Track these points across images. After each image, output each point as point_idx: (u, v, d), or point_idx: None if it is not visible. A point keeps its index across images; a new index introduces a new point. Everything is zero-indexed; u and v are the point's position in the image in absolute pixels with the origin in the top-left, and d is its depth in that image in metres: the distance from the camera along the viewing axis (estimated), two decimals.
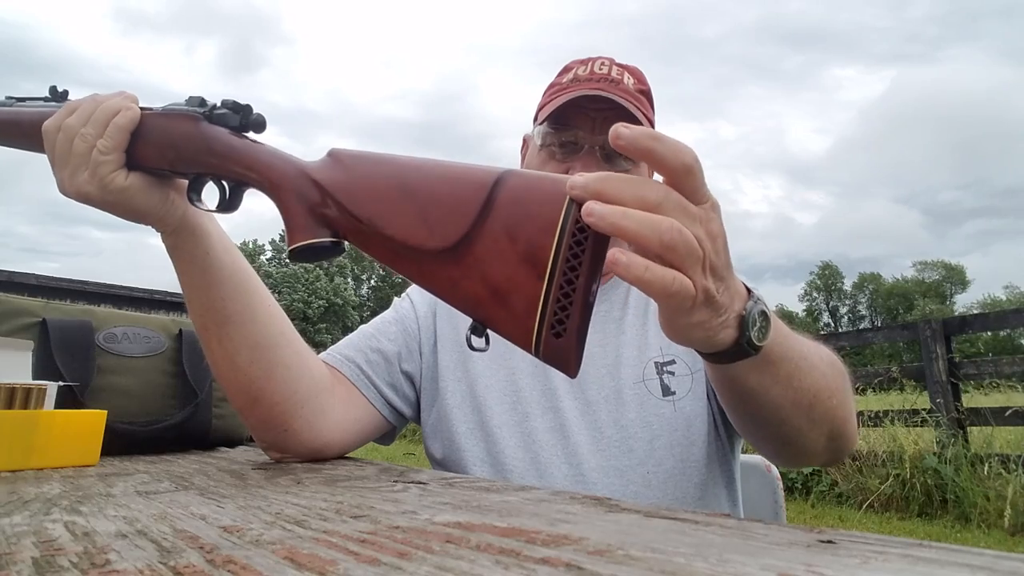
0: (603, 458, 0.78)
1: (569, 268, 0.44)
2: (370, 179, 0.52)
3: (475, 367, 0.86)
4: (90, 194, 0.60)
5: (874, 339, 5.73)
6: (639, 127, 0.43)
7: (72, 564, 0.28)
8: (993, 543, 3.16)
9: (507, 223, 0.46)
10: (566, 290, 0.44)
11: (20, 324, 0.82)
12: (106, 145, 0.59)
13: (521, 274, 0.45)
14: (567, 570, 0.24)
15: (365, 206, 0.51)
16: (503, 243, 0.46)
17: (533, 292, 0.44)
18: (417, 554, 0.27)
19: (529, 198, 0.46)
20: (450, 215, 0.48)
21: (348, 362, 0.82)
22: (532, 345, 0.45)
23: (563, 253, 0.44)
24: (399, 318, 0.91)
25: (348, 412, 0.78)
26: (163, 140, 0.60)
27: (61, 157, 0.60)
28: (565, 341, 0.44)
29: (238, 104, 0.60)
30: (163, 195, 0.63)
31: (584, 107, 0.82)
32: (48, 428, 0.65)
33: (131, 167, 0.61)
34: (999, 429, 4.20)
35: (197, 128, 0.60)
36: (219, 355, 0.69)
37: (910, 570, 0.23)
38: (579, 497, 0.44)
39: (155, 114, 0.61)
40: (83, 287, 11.92)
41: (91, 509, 0.42)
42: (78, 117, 0.60)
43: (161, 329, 0.94)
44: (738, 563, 0.24)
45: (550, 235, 0.44)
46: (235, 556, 0.28)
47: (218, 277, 0.68)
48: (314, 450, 0.74)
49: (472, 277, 0.47)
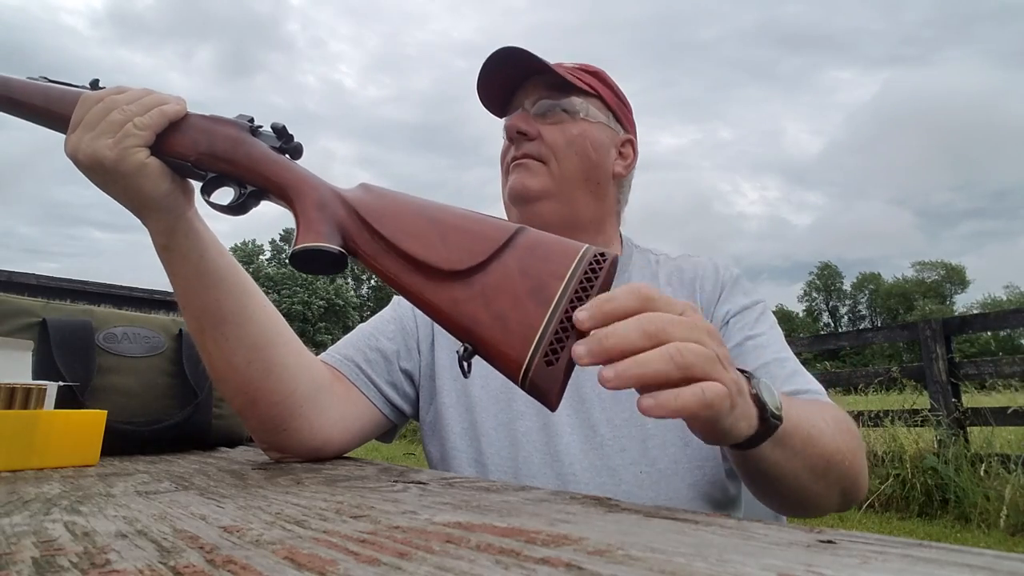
0: (596, 457, 0.77)
1: (573, 304, 0.48)
2: (398, 205, 0.57)
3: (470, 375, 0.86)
4: (105, 159, 0.59)
5: (874, 339, 5.72)
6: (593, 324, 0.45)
7: (72, 564, 0.28)
8: (993, 543, 3.16)
9: (522, 263, 0.51)
10: (565, 325, 0.47)
11: (20, 324, 0.82)
12: (143, 122, 0.60)
13: (527, 304, 0.49)
14: (567, 570, 0.24)
15: (389, 225, 0.55)
16: (515, 277, 0.50)
17: (535, 320, 0.48)
18: (417, 554, 0.27)
19: (546, 247, 0.52)
20: (471, 244, 0.53)
21: (347, 361, 0.83)
22: (521, 369, 0.47)
23: (571, 291, 0.48)
24: (397, 317, 0.91)
25: (347, 411, 0.78)
26: (201, 135, 0.62)
27: (90, 121, 0.60)
28: (555, 370, 0.46)
29: (281, 128, 0.63)
30: (171, 188, 0.64)
31: (523, 86, 0.89)
32: (48, 428, 0.65)
33: (153, 152, 0.62)
34: (999, 429, 4.20)
35: (240, 135, 0.63)
36: (216, 356, 0.69)
37: (910, 570, 0.23)
38: (579, 497, 0.44)
39: (202, 116, 0.64)
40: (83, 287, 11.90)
41: (91, 509, 0.42)
42: (125, 96, 0.61)
43: (161, 329, 0.94)
44: (738, 563, 0.24)
45: (560, 278, 0.49)
46: (235, 556, 0.28)
47: (213, 278, 0.67)
48: (313, 449, 0.74)
49: (477, 301, 0.50)
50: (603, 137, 0.89)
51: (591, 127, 0.88)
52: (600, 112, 0.90)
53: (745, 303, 0.84)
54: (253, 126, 0.63)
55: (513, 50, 0.86)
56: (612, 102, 0.92)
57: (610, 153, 0.90)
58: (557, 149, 0.86)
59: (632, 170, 0.95)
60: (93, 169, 0.61)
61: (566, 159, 0.86)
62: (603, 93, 0.91)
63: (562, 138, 0.86)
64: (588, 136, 0.87)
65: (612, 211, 0.93)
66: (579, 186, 0.87)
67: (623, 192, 0.95)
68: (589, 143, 0.87)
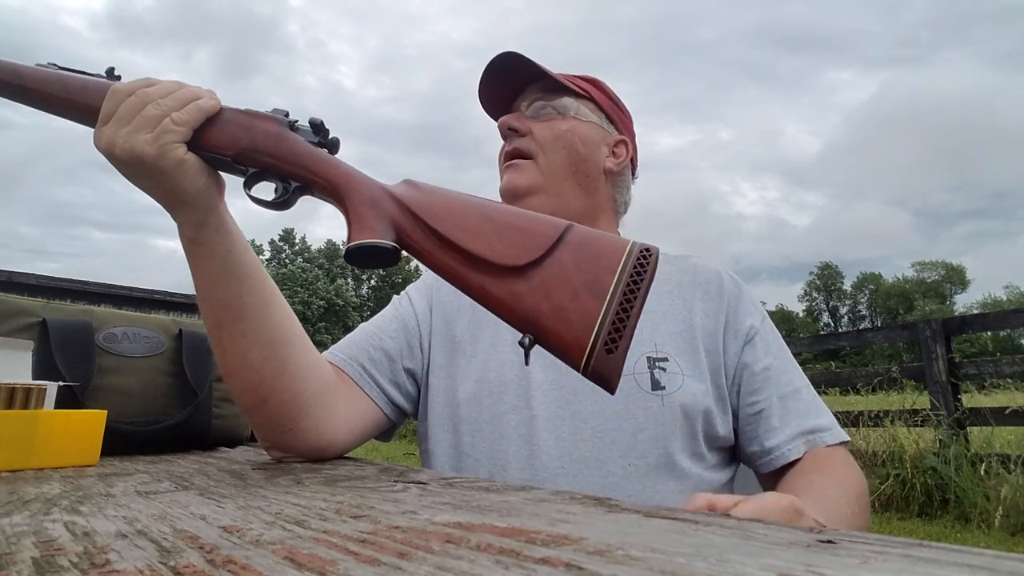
0: (585, 448, 0.78)
1: (626, 297, 0.52)
2: (449, 202, 0.59)
3: (465, 365, 0.86)
4: (145, 155, 0.59)
5: (874, 339, 5.72)
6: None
7: (72, 564, 0.28)
8: (993, 543, 3.16)
9: (575, 257, 0.54)
10: (621, 315, 0.51)
11: (20, 324, 0.82)
12: (181, 118, 0.59)
13: (584, 297, 0.52)
14: (567, 570, 0.24)
15: (444, 222, 0.58)
16: (570, 271, 0.54)
17: (593, 312, 0.52)
18: (417, 554, 0.27)
19: (596, 243, 0.56)
20: (526, 240, 0.56)
21: (350, 360, 0.83)
22: (583, 357, 0.51)
23: (623, 284, 0.52)
24: (399, 316, 0.91)
25: (351, 411, 0.78)
26: (240, 130, 0.62)
27: (124, 116, 0.59)
28: (616, 357, 0.51)
29: (319, 124, 0.64)
30: (208, 183, 0.64)
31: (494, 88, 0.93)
32: (48, 428, 0.65)
33: (190, 147, 0.61)
34: (999, 429, 4.20)
35: (280, 130, 0.63)
36: (231, 352, 0.69)
37: (910, 570, 0.23)
38: (579, 497, 0.44)
39: (237, 110, 0.63)
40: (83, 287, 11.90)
41: (91, 509, 0.42)
42: (158, 89, 0.60)
43: (161, 329, 0.94)
44: (738, 563, 0.24)
45: (612, 272, 0.53)
46: (235, 556, 0.28)
47: (238, 273, 0.67)
48: (317, 449, 0.74)
49: (536, 294, 0.54)
50: (593, 134, 0.92)
51: (581, 124, 0.91)
52: (592, 113, 0.93)
53: (755, 324, 0.86)
54: (290, 121, 0.63)
55: (511, 55, 0.89)
56: (606, 105, 0.95)
57: (600, 149, 0.93)
58: (545, 143, 0.89)
59: (628, 171, 0.97)
60: (131, 165, 0.60)
61: (553, 152, 0.89)
62: (596, 96, 0.94)
63: (550, 133, 0.89)
64: (577, 131, 0.90)
65: (605, 207, 0.94)
66: (567, 178, 0.89)
67: (619, 191, 0.96)
68: (578, 138, 0.90)
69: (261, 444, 0.75)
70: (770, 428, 0.81)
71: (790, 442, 0.80)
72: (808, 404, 0.83)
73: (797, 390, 0.83)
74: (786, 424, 0.81)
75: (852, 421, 4.48)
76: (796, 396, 0.83)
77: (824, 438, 0.79)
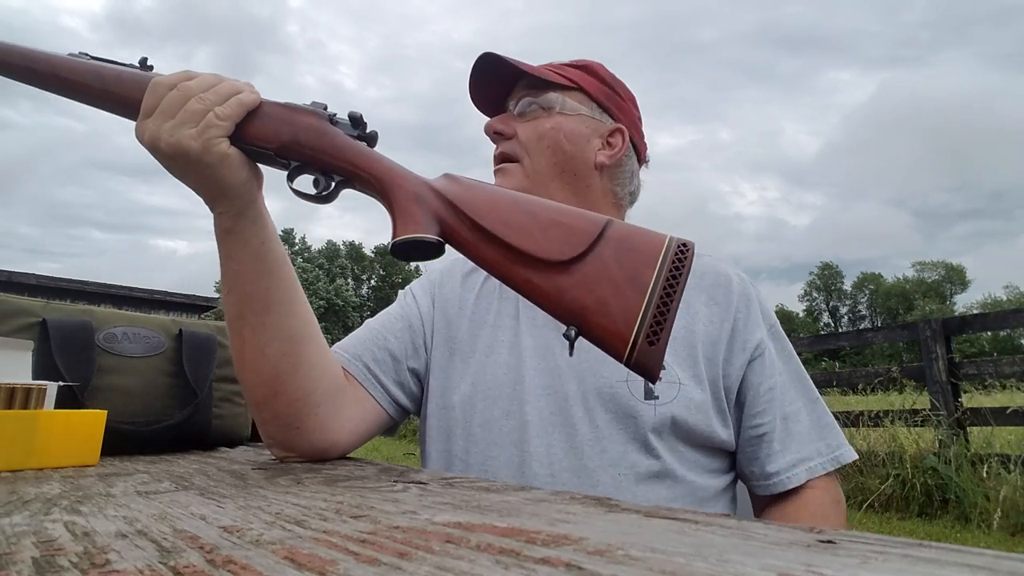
0: (574, 456, 0.77)
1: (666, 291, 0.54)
2: (493, 197, 0.61)
3: (462, 367, 0.86)
4: (189, 149, 0.60)
5: (874, 339, 5.72)
6: None
7: (72, 564, 0.28)
8: (993, 543, 3.16)
9: (616, 253, 0.56)
10: (662, 308, 0.53)
11: (20, 324, 0.82)
12: (224, 112, 0.60)
13: (626, 291, 0.54)
14: (567, 570, 0.24)
15: (488, 217, 0.59)
16: (612, 266, 0.56)
17: (635, 306, 0.54)
18: (417, 554, 0.27)
19: (635, 238, 0.57)
20: (569, 236, 0.57)
21: (355, 360, 0.83)
22: (627, 349, 0.53)
23: (663, 279, 0.54)
24: (404, 314, 0.90)
25: (356, 413, 0.78)
26: (282, 124, 0.63)
27: (168, 110, 0.60)
28: (658, 349, 0.53)
29: (358, 117, 0.65)
30: (248, 175, 0.65)
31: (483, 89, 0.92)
32: (48, 428, 0.65)
33: (232, 141, 0.62)
34: (999, 429, 4.20)
35: (321, 124, 0.63)
36: (251, 345, 0.69)
37: (910, 570, 0.23)
38: (579, 497, 0.44)
39: (277, 103, 0.64)
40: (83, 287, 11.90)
41: (91, 509, 0.42)
42: (199, 83, 0.61)
43: (161, 329, 0.94)
44: (738, 563, 0.24)
45: (651, 267, 0.55)
46: (235, 556, 0.28)
47: (268, 266, 0.68)
48: (320, 450, 0.74)
49: (580, 288, 0.55)
50: (580, 128, 0.88)
51: (566, 120, 0.88)
52: (581, 104, 0.89)
53: (764, 339, 0.84)
54: (330, 115, 0.64)
55: (489, 57, 0.87)
56: (597, 93, 0.90)
57: (590, 143, 0.89)
58: (529, 145, 0.87)
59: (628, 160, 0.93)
60: (175, 159, 0.61)
61: (537, 153, 0.87)
62: (586, 85, 0.90)
63: (534, 133, 0.87)
64: (561, 128, 0.87)
65: (601, 203, 0.90)
66: (553, 179, 0.87)
67: (618, 183, 0.92)
68: (562, 135, 0.87)
69: (264, 441, 0.75)
70: (771, 452, 0.80)
71: (790, 469, 0.79)
72: (809, 426, 0.82)
73: (798, 411, 0.82)
74: (787, 449, 0.80)
75: (852, 421, 4.48)
76: (797, 418, 0.82)
77: (822, 465, 0.80)
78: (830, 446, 0.82)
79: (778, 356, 0.84)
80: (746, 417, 0.82)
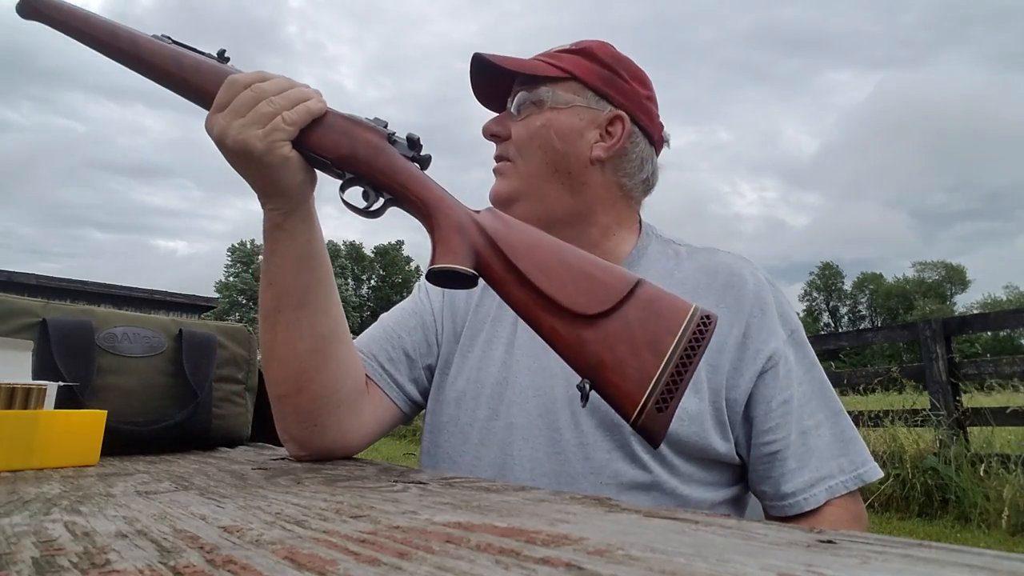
0: (556, 462, 0.75)
1: (682, 361, 0.55)
2: (531, 240, 0.62)
3: (460, 362, 0.86)
4: (254, 149, 0.62)
5: (874, 339, 5.72)
6: None
7: (72, 564, 0.28)
8: (993, 543, 3.15)
9: (640, 315, 0.57)
10: (675, 377, 0.54)
11: (20, 324, 0.82)
12: (291, 118, 0.63)
13: (644, 354, 0.55)
14: (567, 570, 0.24)
15: (524, 260, 0.60)
16: (634, 327, 0.56)
17: (651, 369, 0.54)
18: (417, 554, 0.27)
19: (661, 302, 0.58)
20: (599, 290, 0.58)
21: (370, 359, 0.83)
22: (635, 412, 0.54)
23: (682, 348, 0.55)
24: (418, 311, 0.90)
25: (373, 414, 0.79)
26: (343, 137, 0.65)
27: (239, 108, 0.62)
28: (664, 416, 0.54)
29: (415, 140, 0.67)
30: (304, 178, 0.67)
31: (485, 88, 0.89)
32: (48, 428, 0.65)
33: (294, 145, 0.64)
34: (999, 429, 4.20)
35: (380, 142, 0.65)
36: (283, 339, 0.70)
37: (910, 570, 0.23)
38: (579, 497, 0.44)
39: (340, 114, 0.66)
40: (83, 287, 11.90)
41: (91, 509, 0.42)
42: (272, 86, 0.63)
43: (161, 329, 0.94)
44: (738, 563, 0.24)
45: (673, 334, 0.56)
46: (235, 556, 0.28)
47: (311, 264, 0.70)
48: (335, 449, 0.75)
49: (601, 343, 0.56)
50: (573, 122, 0.82)
51: (558, 115, 0.82)
52: (575, 95, 0.83)
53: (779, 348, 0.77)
54: (389, 133, 0.66)
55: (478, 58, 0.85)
56: (594, 78, 0.84)
57: (583, 137, 0.82)
58: (521, 145, 0.84)
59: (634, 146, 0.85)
60: (239, 155, 0.63)
61: (528, 155, 0.83)
62: (580, 71, 0.83)
63: (525, 133, 0.83)
64: (552, 126, 0.82)
65: (603, 199, 0.85)
66: (547, 180, 0.83)
67: (624, 174, 0.85)
68: (553, 133, 0.82)
69: (280, 436, 0.75)
70: (786, 471, 0.75)
71: (807, 490, 0.74)
72: (830, 440, 0.76)
73: (818, 425, 0.77)
74: (805, 466, 0.75)
75: (852, 421, 4.47)
76: (817, 432, 0.77)
77: (844, 484, 0.75)
78: (853, 463, 0.76)
79: (798, 365, 0.79)
80: (756, 433, 0.76)
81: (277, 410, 0.74)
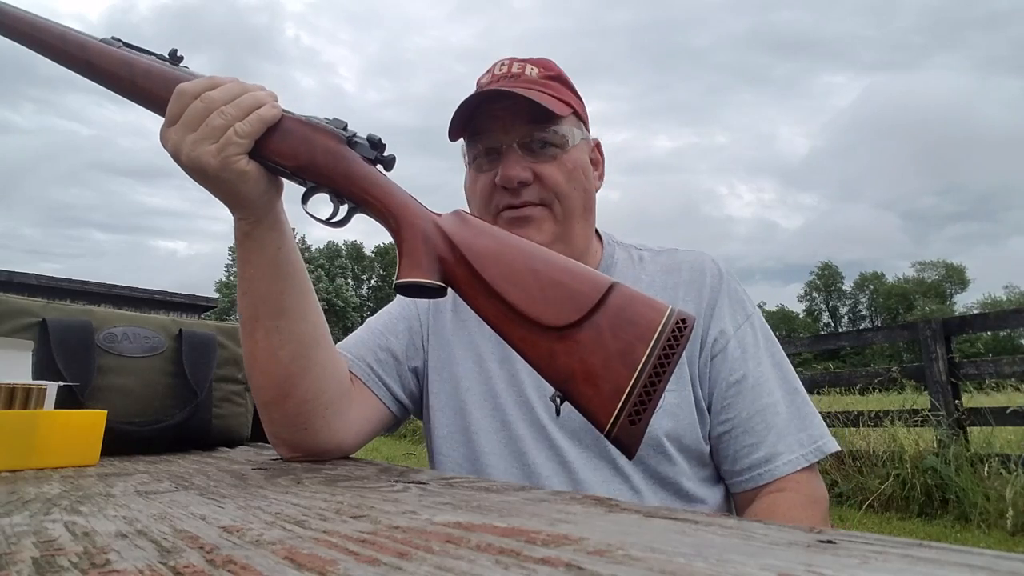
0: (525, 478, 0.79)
1: (656, 371, 0.53)
2: (499, 246, 0.60)
3: (458, 370, 0.87)
4: (208, 166, 0.60)
5: (874, 339, 5.72)
6: None
7: (72, 564, 0.28)
8: (993, 543, 3.15)
9: (613, 322, 0.55)
10: (648, 389, 0.53)
11: (20, 324, 0.82)
12: (244, 130, 0.60)
13: (616, 365, 0.53)
14: (567, 570, 0.24)
15: (490, 270, 0.58)
16: (606, 336, 0.54)
17: (622, 382, 0.53)
18: (417, 554, 0.27)
19: (635, 308, 0.56)
20: (568, 301, 0.56)
21: (359, 361, 0.83)
22: (608, 424, 0.53)
23: (655, 357, 0.53)
24: (405, 315, 0.91)
25: (361, 413, 0.79)
26: (301, 144, 0.63)
27: (189, 122, 0.60)
28: (638, 428, 0.53)
29: (376, 140, 0.64)
30: (267, 188, 0.65)
31: (491, 111, 0.81)
32: (48, 428, 0.65)
33: (252, 154, 0.62)
34: (999, 429, 4.20)
35: (339, 147, 0.63)
36: (263, 347, 0.70)
37: (910, 570, 0.23)
38: (579, 497, 0.44)
39: (296, 118, 0.64)
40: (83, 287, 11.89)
41: (91, 509, 0.42)
42: (222, 93, 0.61)
43: (161, 329, 0.94)
44: (738, 563, 0.24)
45: (646, 343, 0.54)
46: (235, 556, 0.28)
47: (284, 271, 0.69)
48: (327, 450, 0.75)
49: (572, 355, 0.55)
50: (584, 157, 0.85)
51: (579, 153, 0.84)
52: (579, 129, 0.84)
53: (727, 330, 0.81)
54: (349, 135, 0.64)
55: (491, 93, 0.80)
56: (580, 108, 0.86)
57: (593, 171, 0.87)
58: (559, 189, 0.81)
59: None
60: (195, 171, 0.62)
61: (568, 198, 0.81)
62: (574, 103, 0.84)
63: (561, 175, 0.81)
64: (579, 165, 0.83)
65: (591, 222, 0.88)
66: (579, 219, 0.84)
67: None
68: (581, 172, 0.83)
69: (271, 440, 0.75)
70: (742, 447, 0.77)
71: (764, 464, 0.76)
72: (788, 417, 0.78)
73: (775, 403, 0.78)
74: (762, 442, 0.77)
75: (852, 421, 4.48)
76: (775, 409, 0.78)
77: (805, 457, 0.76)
78: (812, 436, 0.78)
79: (753, 346, 0.81)
80: (713, 413, 0.79)
81: (264, 415, 0.74)
